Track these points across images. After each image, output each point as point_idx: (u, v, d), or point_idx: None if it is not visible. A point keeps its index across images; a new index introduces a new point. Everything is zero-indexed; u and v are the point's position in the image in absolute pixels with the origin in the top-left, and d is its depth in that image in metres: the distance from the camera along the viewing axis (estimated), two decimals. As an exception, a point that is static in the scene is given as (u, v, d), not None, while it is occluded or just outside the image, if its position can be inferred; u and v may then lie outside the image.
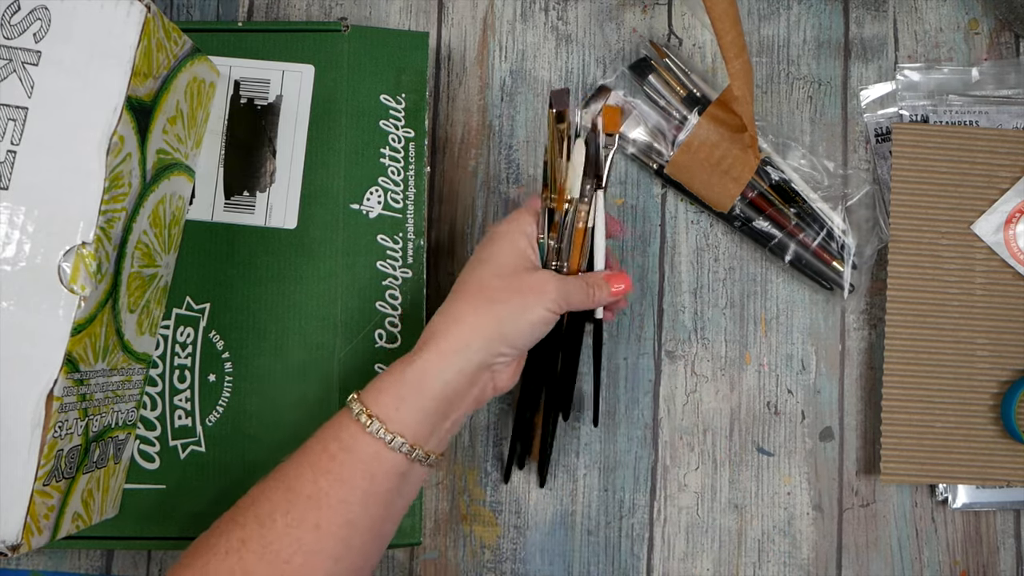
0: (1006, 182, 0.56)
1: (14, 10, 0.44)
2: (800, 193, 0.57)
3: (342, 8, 0.61)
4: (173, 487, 0.53)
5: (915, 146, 0.56)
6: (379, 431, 0.44)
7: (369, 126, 0.56)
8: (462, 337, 0.45)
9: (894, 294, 0.56)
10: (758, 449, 0.57)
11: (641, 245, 0.59)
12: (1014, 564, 0.56)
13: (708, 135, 0.55)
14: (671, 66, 0.58)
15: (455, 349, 0.45)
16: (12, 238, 0.42)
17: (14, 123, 0.43)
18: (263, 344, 0.54)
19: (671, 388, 0.58)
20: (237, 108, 0.56)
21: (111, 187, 0.44)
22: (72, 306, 0.42)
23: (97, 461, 0.48)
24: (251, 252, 0.55)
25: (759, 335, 0.58)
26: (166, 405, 0.54)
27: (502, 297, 0.46)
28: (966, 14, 0.60)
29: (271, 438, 0.54)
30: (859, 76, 0.60)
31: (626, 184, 0.59)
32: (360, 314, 0.54)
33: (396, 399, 0.44)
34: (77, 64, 0.44)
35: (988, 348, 0.55)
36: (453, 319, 0.45)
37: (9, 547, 0.41)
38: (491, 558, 0.57)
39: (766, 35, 0.60)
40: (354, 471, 0.44)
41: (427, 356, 0.45)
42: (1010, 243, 0.55)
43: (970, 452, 0.55)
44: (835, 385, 0.58)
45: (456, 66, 0.60)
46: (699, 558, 0.57)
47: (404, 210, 0.55)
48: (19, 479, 0.41)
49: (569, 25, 0.60)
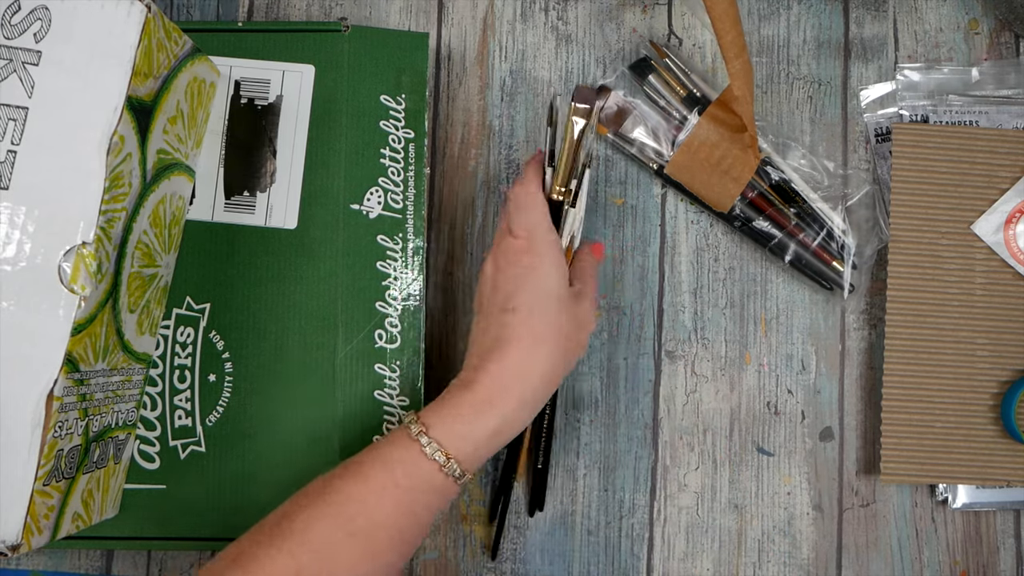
0: (1006, 182, 0.56)
1: (14, 10, 0.44)
2: (800, 193, 0.57)
3: (342, 8, 0.61)
4: (173, 487, 0.53)
5: (915, 146, 0.56)
6: (454, 469, 0.45)
7: (369, 126, 0.56)
8: (544, 388, 0.47)
9: (894, 294, 0.56)
10: (758, 449, 0.57)
11: (641, 245, 0.59)
12: (1014, 564, 0.56)
13: (708, 135, 0.55)
14: (671, 66, 0.58)
15: (535, 400, 0.47)
16: (12, 238, 0.42)
17: (14, 123, 0.43)
18: (263, 344, 0.54)
19: (671, 388, 0.58)
20: (237, 108, 0.56)
21: (111, 187, 0.44)
22: (72, 306, 0.42)
23: (97, 461, 0.48)
24: (251, 252, 0.55)
25: (759, 335, 0.58)
26: (166, 405, 0.54)
27: (568, 344, 0.48)
28: (966, 14, 0.60)
29: (271, 438, 0.54)
30: (859, 76, 0.60)
31: (626, 184, 0.59)
32: (360, 314, 0.54)
33: (475, 445, 0.45)
34: (77, 64, 0.44)
35: (988, 348, 0.55)
36: (534, 371, 0.46)
37: (9, 547, 0.41)
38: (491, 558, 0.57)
39: (766, 35, 0.60)
40: (424, 506, 0.45)
41: (503, 408, 0.45)
42: (1010, 243, 0.55)
43: (970, 452, 0.55)
44: (835, 385, 0.58)
45: (456, 66, 0.60)
46: (699, 558, 0.57)
47: (404, 210, 0.55)
48: (19, 479, 0.41)
49: (569, 25, 0.60)
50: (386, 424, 0.54)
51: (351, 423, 0.53)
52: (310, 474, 0.53)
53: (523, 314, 0.46)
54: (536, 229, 0.48)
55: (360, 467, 0.45)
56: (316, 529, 0.42)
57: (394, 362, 0.54)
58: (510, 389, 0.46)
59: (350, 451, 0.53)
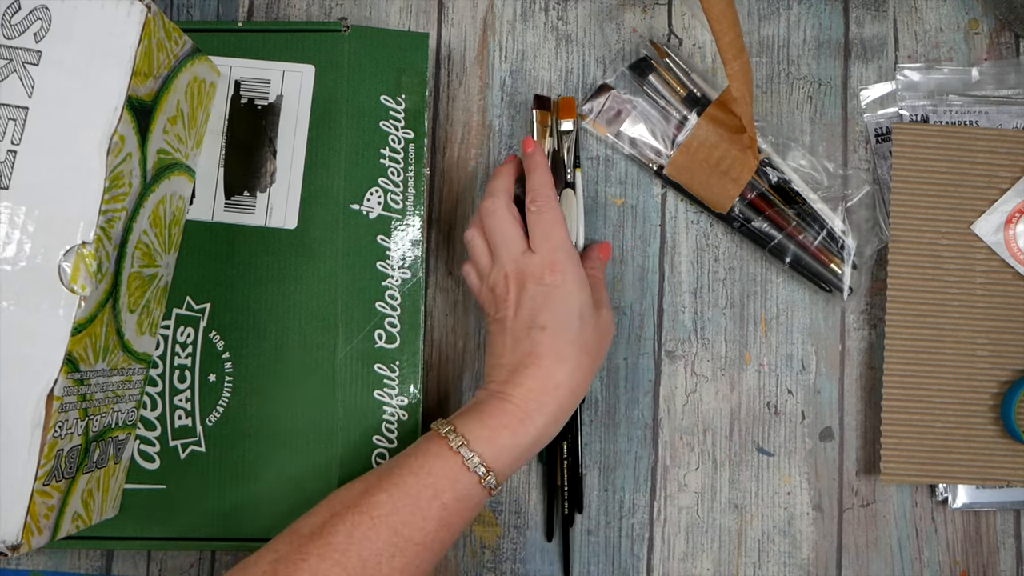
0: (1006, 182, 0.56)
1: (14, 10, 0.44)
2: (800, 193, 0.57)
3: (342, 8, 0.61)
4: (173, 487, 0.53)
5: (915, 146, 0.56)
6: (491, 482, 0.46)
7: (369, 127, 0.56)
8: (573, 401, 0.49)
9: (894, 294, 0.56)
10: (758, 449, 0.57)
11: (641, 245, 0.59)
12: (1014, 564, 0.56)
13: (707, 136, 0.55)
14: (671, 66, 0.58)
15: (566, 412, 0.48)
16: (12, 238, 0.42)
17: (14, 123, 0.43)
18: (263, 344, 0.54)
19: (671, 388, 0.58)
20: (237, 108, 0.56)
21: (111, 187, 0.44)
22: (72, 306, 0.42)
23: (97, 461, 0.48)
24: (251, 252, 0.55)
25: (759, 335, 0.58)
26: (166, 405, 0.54)
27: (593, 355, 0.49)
28: (966, 14, 0.60)
29: (271, 438, 0.54)
30: (859, 76, 0.60)
31: (626, 184, 0.59)
32: (360, 314, 0.54)
33: (511, 458, 0.47)
34: (78, 64, 0.44)
35: (988, 348, 0.55)
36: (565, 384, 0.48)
37: (9, 547, 0.41)
38: (491, 558, 0.57)
39: (766, 35, 0.60)
40: (462, 518, 0.45)
41: (539, 422, 0.47)
42: (1010, 243, 0.55)
43: (970, 452, 0.55)
44: (835, 385, 0.58)
45: (456, 66, 0.60)
46: (699, 558, 0.57)
47: (404, 211, 0.55)
48: (19, 479, 0.41)
49: (569, 25, 0.60)
50: (386, 425, 0.54)
51: (351, 423, 0.54)
52: (310, 474, 0.54)
53: (551, 332, 0.48)
54: (559, 248, 0.50)
55: (402, 477, 0.45)
56: (361, 539, 0.43)
57: (394, 362, 0.54)
58: (546, 404, 0.47)
59: (350, 451, 0.54)
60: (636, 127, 0.58)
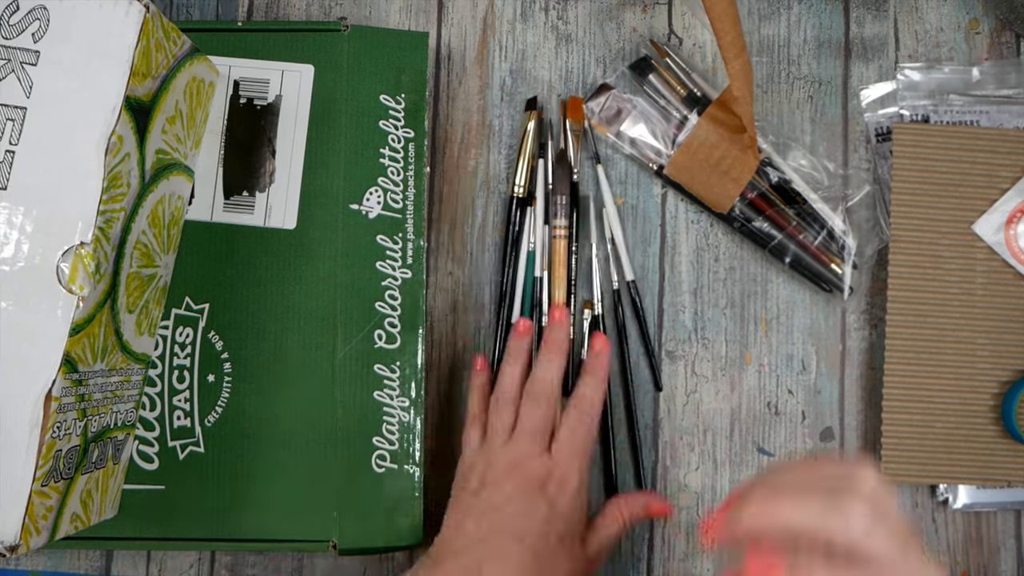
0: (1007, 182, 0.56)
1: (13, 10, 0.44)
2: (800, 193, 0.57)
3: (342, 8, 0.61)
4: (172, 488, 0.53)
5: (916, 146, 0.56)
6: None
7: (369, 126, 0.56)
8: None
9: (895, 294, 0.56)
10: (758, 449, 0.57)
11: (641, 245, 0.58)
12: (1015, 565, 0.56)
13: (707, 135, 0.55)
14: (671, 66, 0.58)
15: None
16: (11, 238, 0.42)
17: (12, 123, 0.43)
18: (262, 344, 0.54)
19: (671, 388, 0.58)
20: (236, 108, 0.56)
21: (110, 187, 0.44)
22: (71, 306, 0.42)
23: (96, 462, 0.48)
24: (250, 252, 0.55)
25: (759, 335, 0.58)
26: (165, 405, 0.54)
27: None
28: (966, 14, 0.60)
29: (270, 438, 0.53)
30: (859, 76, 0.60)
31: (626, 184, 0.59)
32: (360, 314, 0.54)
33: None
34: (76, 64, 0.44)
35: (989, 348, 0.55)
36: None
37: (7, 548, 0.41)
38: (491, 559, 0.56)
39: (766, 35, 0.60)
40: None
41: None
42: (1011, 243, 0.55)
43: (971, 452, 0.55)
44: (835, 385, 0.58)
45: (456, 66, 0.60)
46: (699, 558, 0.56)
47: (404, 210, 0.55)
48: (17, 479, 0.41)
49: (569, 25, 0.60)
50: (386, 425, 0.54)
51: (350, 424, 0.53)
52: (309, 475, 0.54)
53: (514, 550, 0.47)
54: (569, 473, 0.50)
55: None
56: None
57: (393, 362, 0.54)
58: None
59: (350, 452, 0.54)
60: (636, 127, 0.58)
